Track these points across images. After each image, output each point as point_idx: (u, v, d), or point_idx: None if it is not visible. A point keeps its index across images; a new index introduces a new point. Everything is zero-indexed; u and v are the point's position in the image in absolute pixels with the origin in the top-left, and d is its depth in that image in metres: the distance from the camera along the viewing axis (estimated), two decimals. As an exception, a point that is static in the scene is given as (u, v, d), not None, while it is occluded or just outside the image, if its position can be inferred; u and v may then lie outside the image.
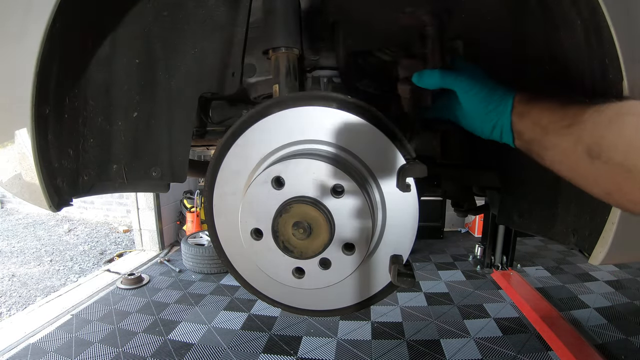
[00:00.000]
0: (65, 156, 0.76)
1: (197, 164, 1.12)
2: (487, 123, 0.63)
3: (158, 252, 4.33)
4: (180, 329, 2.70)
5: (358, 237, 0.62)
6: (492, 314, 2.88)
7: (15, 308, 3.20)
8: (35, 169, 0.66)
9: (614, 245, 0.59)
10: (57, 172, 0.73)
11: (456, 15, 0.79)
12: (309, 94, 0.66)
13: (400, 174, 0.62)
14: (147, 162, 0.88)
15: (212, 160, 0.70)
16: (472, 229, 5.00)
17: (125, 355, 2.38)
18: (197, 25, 0.84)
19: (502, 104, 0.61)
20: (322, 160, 0.60)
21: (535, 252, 4.22)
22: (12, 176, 0.69)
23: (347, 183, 0.60)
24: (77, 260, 4.38)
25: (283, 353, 2.41)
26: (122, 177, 0.87)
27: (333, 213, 0.60)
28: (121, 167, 0.86)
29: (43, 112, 0.66)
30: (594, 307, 2.95)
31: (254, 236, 0.65)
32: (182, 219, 4.71)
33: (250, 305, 3.03)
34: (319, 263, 0.65)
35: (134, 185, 0.90)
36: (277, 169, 0.61)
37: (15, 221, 6.19)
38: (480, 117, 0.64)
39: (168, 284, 3.50)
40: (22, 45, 0.61)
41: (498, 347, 2.44)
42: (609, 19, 0.53)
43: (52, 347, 2.45)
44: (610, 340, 2.49)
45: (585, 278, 3.51)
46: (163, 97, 0.85)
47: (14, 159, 0.67)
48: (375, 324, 2.76)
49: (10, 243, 5.05)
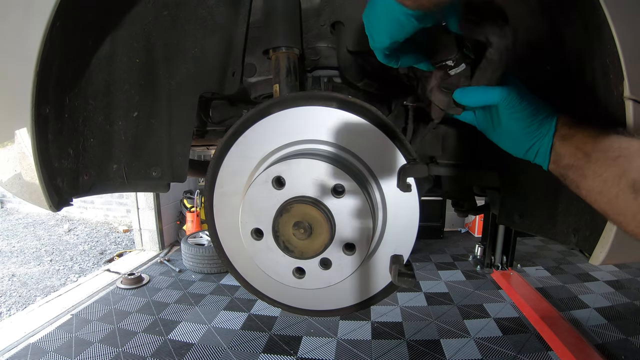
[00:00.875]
0: (66, 156, 0.76)
1: (197, 164, 1.12)
2: (525, 143, 0.59)
3: (158, 252, 4.33)
4: (180, 328, 2.70)
5: (358, 237, 0.62)
6: (492, 314, 2.88)
7: (15, 308, 3.20)
8: (35, 168, 0.65)
9: (614, 245, 0.59)
10: (57, 172, 0.73)
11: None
12: (309, 93, 0.66)
13: (401, 174, 0.62)
14: (147, 162, 0.88)
15: (212, 160, 0.70)
16: (472, 229, 5.00)
17: (125, 355, 2.38)
18: (197, 25, 0.84)
19: (545, 126, 0.57)
20: (323, 160, 0.60)
21: (535, 252, 4.22)
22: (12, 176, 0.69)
23: (347, 183, 0.60)
24: (77, 260, 4.38)
25: (283, 353, 2.41)
26: (122, 177, 0.87)
27: (333, 213, 0.60)
28: (121, 166, 0.86)
29: (43, 112, 0.66)
30: (594, 307, 2.95)
31: (255, 236, 0.65)
32: (182, 219, 4.71)
33: (250, 305, 3.03)
34: (319, 263, 0.65)
35: (134, 185, 0.90)
36: (277, 169, 0.61)
37: (15, 221, 6.19)
38: (519, 136, 0.60)
39: (168, 283, 3.50)
40: (22, 45, 0.61)
41: (498, 347, 2.44)
42: (610, 18, 0.53)
43: (52, 347, 2.45)
44: (610, 340, 2.49)
45: (585, 278, 3.51)
46: (163, 96, 0.85)
47: (14, 159, 0.67)
48: (375, 324, 2.76)
49: (10, 243, 5.05)
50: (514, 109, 0.59)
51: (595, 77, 0.61)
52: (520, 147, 0.61)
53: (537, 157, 0.59)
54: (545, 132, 0.57)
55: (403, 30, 0.51)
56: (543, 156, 0.59)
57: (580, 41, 0.61)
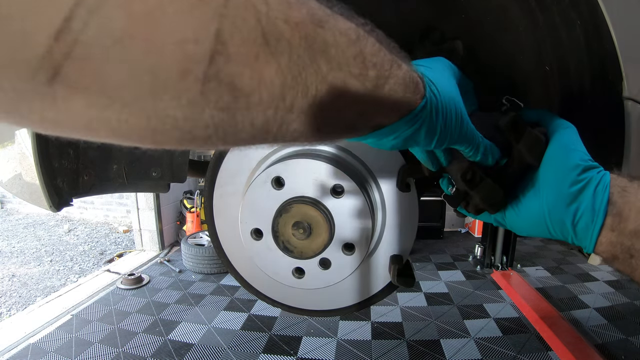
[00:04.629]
0: (66, 156, 0.76)
1: (197, 164, 1.12)
2: (569, 209, 0.41)
3: (158, 252, 4.33)
4: (180, 329, 2.70)
5: (358, 237, 0.62)
6: (492, 314, 2.88)
7: (15, 308, 3.20)
8: (35, 169, 0.66)
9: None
10: (57, 172, 0.73)
11: (456, 14, 0.79)
12: None
13: (400, 174, 0.62)
14: (147, 162, 0.88)
15: (212, 160, 0.71)
16: (472, 229, 5.00)
17: (125, 356, 2.38)
18: None
19: (602, 183, 0.40)
20: (322, 161, 0.60)
21: (535, 252, 4.22)
22: (12, 176, 0.69)
23: (347, 183, 0.60)
24: (77, 260, 4.38)
25: (283, 353, 2.41)
26: (122, 177, 0.87)
27: (333, 213, 0.60)
28: (121, 167, 0.86)
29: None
30: (594, 307, 2.94)
31: (254, 236, 0.65)
32: (182, 219, 4.71)
33: (250, 305, 3.03)
34: (319, 263, 0.65)
35: (134, 185, 0.90)
36: (277, 169, 0.61)
37: (15, 221, 6.18)
38: (559, 197, 0.42)
39: (168, 284, 3.50)
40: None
41: (498, 347, 2.44)
42: (608, 18, 0.53)
43: (52, 347, 2.45)
44: (610, 340, 2.48)
45: (585, 278, 3.51)
46: None
47: (14, 159, 0.67)
48: (375, 324, 2.76)
49: (10, 243, 5.05)
50: (560, 160, 0.44)
51: (593, 78, 0.61)
52: (560, 216, 0.43)
53: (580, 231, 0.42)
54: (599, 196, 0.41)
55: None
56: (588, 233, 0.41)
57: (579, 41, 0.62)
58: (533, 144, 0.45)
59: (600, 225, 0.39)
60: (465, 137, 0.41)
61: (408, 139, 0.36)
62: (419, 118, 0.35)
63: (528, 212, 0.45)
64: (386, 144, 0.37)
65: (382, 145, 0.38)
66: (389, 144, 0.37)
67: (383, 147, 0.38)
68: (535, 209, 0.44)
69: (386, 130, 0.35)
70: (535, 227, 0.45)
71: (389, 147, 0.38)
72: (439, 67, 0.41)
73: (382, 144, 0.38)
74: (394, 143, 0.37)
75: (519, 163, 0.46)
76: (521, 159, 0.46)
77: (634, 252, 0.38)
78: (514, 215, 0.47)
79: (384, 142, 0.37)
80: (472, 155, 0.44)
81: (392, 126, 0.34)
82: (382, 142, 0.37)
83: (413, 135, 0.36)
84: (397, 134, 0.36)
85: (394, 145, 0.38)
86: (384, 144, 0.38)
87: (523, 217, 0.46)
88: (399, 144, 0.37)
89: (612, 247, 0.40)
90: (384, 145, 0.38)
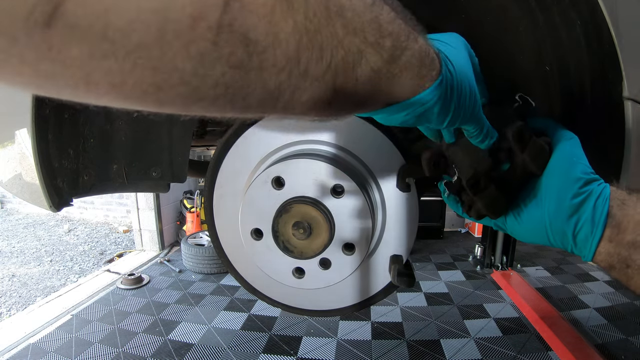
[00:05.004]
0: (66, 156, 0.76)
1: (197, 164, 1.12)
2: (570, 220, 0.42)
3: (158, 252, 4.33)
4: (180, 329, 2.70)
5: (358, 237, 0.62)
6: (492, 314, 2.88)
7: (15, 308, 3.20)
8: (35, 169, 0.66)
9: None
10: (57, 172, 0.73)
11: (456, 14, 0.79)
12: None
13: (400, 174, 0.62)
14: (147, 162, 0.88)
15: (212, 160, 0.71)
16: (472, 229, 5.00)
17: (125, 356, 2.38)
18: None
19: (602, 196, 0.41)
20: (322, 161, 0.60)
21: (535, 252, 4.22)
22: (12, 176, 0.69)
23: (347, 183, 0.60)
24: (77, 260, 4.38)
25: (283, 353, 2.41)
26: (122, 177, 0.87)
27: (333, 213, 0.60)
28: (121, 167, 0.87)
29: (43, 112, 0.66)
30: (594, 307, 2.94)
31: (254, 236, 0.65)
32: (182, 219, 4.71)
33: (250, 305, 3.03)
34: (319, 263, 0.65)
35: (134, 185, 0.90)
36: (277, 169, 0.61)
37: (15, 221, 6.18)
38: (561, 208, 0.42)
39: (168, 284, 3.50)
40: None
41: (498, 347, 2.44)
42: (608, 18, 0.53)
43: (52, 347, 2.45)
44: (610, 340, 2.48)
45: (585, 278, 3.51)
46: None
47: (14, 159, 0.67)
48: (375, 324, 2.76)
49: (10, 243, 5.05)
50: (565, 172, 0.45)
51: (593, 78, 0.61)
52: (562, 225, 0.44)
53: (580, 240, 0.43)
54: (600, 203, 0.42)
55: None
56: (589, 240, 0.42)
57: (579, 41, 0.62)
58: (537, 154, 0.45)
59: (600, 236, 0.41)
60: (476, 118, 0.41)
61: (420, 116, 0.35)
62: (434, 95, 0.33)
63: (529, 220, 0.46)
64: (397, 119, 0.36)
65: (392, 121, 0.37)
66: (400, 119, 0.36)
67: (392, 123, 0.37)
68: (536, 217, 0.45)
69: (399, 107, 0.33)
70: (536, 234, 0.46)
71: (399, 123, 0.37)
72: (455, 43, 0.40)
73: (392, 120, 0.36)
74: (405, 119, 0.36)
75: (522, 171, 0.47)
76: (525, 168, 0.46)
77: (630, 262, 0.40)
78: (515, 222, 0.48)
79: (395, 118, 0.36)
80: (476, 135, 0.44)
81: (405, 102, 0.33)
82: (392, 117, 0.36)
83: (426, 112, 0.35)
84: (410, 111, 0.34)
85: (405, 122, 0.36)
86: (394, 120, 0.36)
87: (524, 224, 0.47)
88: (410, 121, 0.36)
89: (609, 257, 0.41)
90: (394, 121, 0.36)
